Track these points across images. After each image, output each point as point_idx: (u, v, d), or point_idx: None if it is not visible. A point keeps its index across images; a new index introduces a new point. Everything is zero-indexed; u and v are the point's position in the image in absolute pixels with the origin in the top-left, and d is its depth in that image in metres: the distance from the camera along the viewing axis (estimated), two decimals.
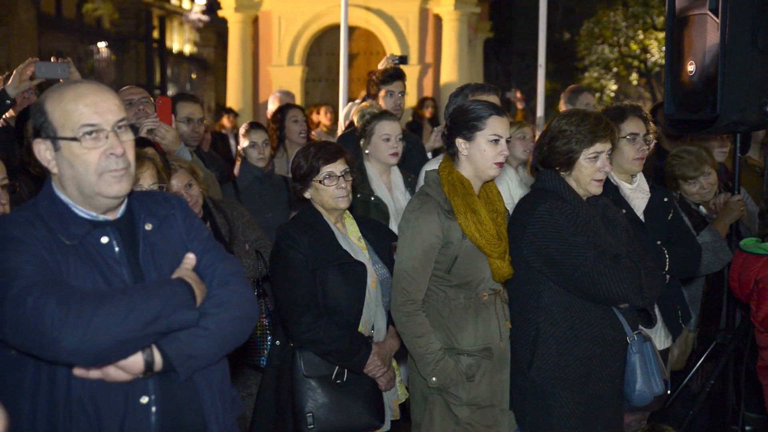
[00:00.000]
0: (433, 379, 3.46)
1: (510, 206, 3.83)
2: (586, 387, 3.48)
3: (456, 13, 14.10)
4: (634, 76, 24.77)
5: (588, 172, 3.52)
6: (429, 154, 5.92)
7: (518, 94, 11.70)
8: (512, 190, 4.47)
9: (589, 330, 3.48)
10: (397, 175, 4.85)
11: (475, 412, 3.52)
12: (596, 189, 3.57)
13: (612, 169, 3.72)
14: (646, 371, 3.55)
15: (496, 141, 3.48)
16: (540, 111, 8.19)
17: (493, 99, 4.17)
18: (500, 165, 3.53)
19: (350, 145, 4.89)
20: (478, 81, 7.19)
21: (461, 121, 3.51)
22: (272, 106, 7.73)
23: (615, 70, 24.08)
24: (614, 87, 24.84)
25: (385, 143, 4.70)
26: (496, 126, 3.48)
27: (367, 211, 4.56)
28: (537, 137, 7.39)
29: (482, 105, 3.55)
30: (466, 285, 3.51)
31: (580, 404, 3.48)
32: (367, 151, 4.75)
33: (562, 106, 6.48)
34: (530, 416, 3.54)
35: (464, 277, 3.50)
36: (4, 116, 5.08)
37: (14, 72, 4.65)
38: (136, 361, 2.18)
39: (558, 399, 3.47)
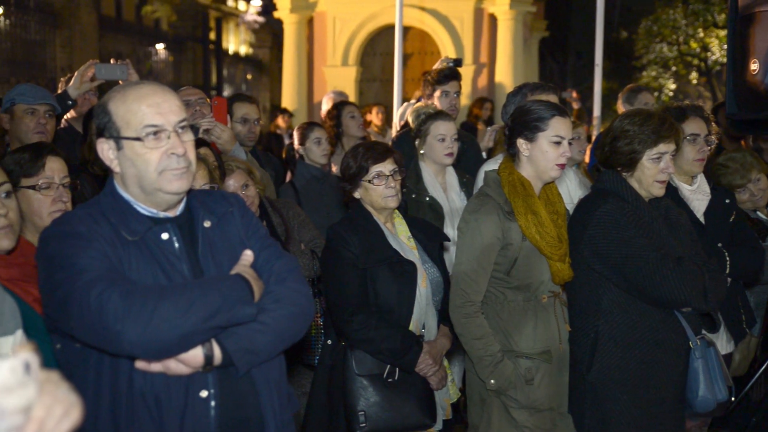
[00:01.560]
0: (492, 381, 3.43)
1: (569, 207, 3.78)
2: (646, 391, 3.42)
3: (511, 13, 13.99)
4: (693, 75, 24.30)
5: (651, 173, 3.46)
6: (483, 154, 5.88)
7: (574, 94, 11.56)
8: (571, 191, 4.42)
9: (650, 333, 3.41)
10: (452, 176, 4.83)
11: (533, 415, 3.49)
12: (659, 191, 3.50)
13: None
14: (710, 377, 3.48)
15: (558, 142, 3.44)
16: (597, 111, 8.09)
17: (552, 98, 4.13)
18: (562, 167, 3.49)
19: (405, 146, 4.89)
20: (533, 81, 7.12)
21: (523, 121, 3.48)
22: (326, 107, 7.76)
23: (674, 68, 23.64)
24: (673, 86, 24.40)
25: (440, 143, 4.69)
26: (558, 127, 3.44)
27: (422, 211, 4.54)
28: (593, 137, 7.31)
29: (545, 105, 3.51)
30: (525, 287, 3.48)
31: (640, 409, 3.42)
32: (422, 152, 4.73)
33: (620, 106, 6.39)
34: (589, 420, 3.49)
35: (524, 279, 3.47)
36: (65, 117, 5.19)
37: (75, 74, 4.75)
38: (196, 355, 2.21)
39: (617, 403, 3.42)
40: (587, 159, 6.21)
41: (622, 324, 3.44)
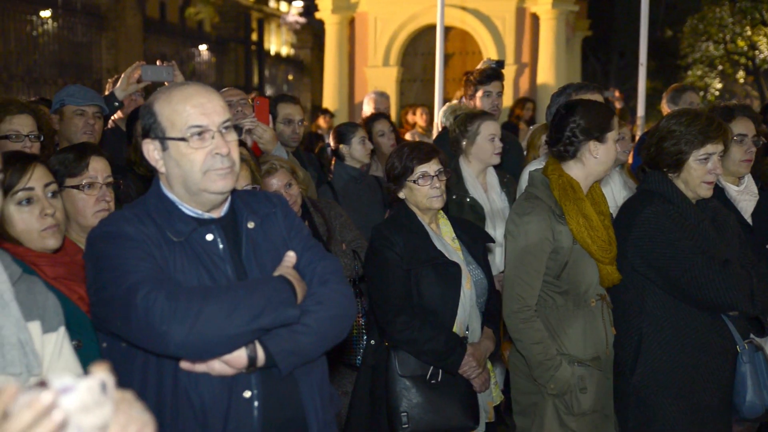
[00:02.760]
0: (552, 385, 3.40)
1: (613, 209, 3.74)
2: (692, 395, 3.37)
3: (554, 12, 13.87)
4: (740, 74, 23.84)
5: (698, 174, 3.40)
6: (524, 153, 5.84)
7: (617, 93, 11.45)
8: (615, 192, 4.36)
9: (696, 337, 3.36)
10: (492, 176, 4.80)
11: (581, 420, 3.45)
12: (706, 192, 3.45)
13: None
14: (758, 382, 3.41)
15: (618, 140, 3.44)
16: (641, 111, 7.98)
17: (597, 98, 4.08)
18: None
19: (447, 146, 4.87)
20: (575, 80, 7.06)
21: (595, 124, 3.44)
22: (367, 107, 7.77)
23: (720, 67, 23.22)
24: (719, 85, 23.97)
25: (490, 143, 4.66)
26: (617, 125, 3.46)
27: (463, 212, 4.52)
28: (637, 137, 7.21)
29: (605, 106, 3.54)
30: (574, 291, 3.44)
31: (685, 413, 3.37)
32: (471, 151, 4.69)
33: (665, 106, 6.29)
34: (632, 423, 3.45)
35: (573, 283, 3.43)
36: (112, 118, 5.27)
37: (122, 75, 4.82)
38: (239, 356, 2.22)
39: (662, 406, 3.37)
40: (631, 160, 6.13)
41: (667, 327, 3.39)
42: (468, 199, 4.60)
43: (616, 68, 27.11)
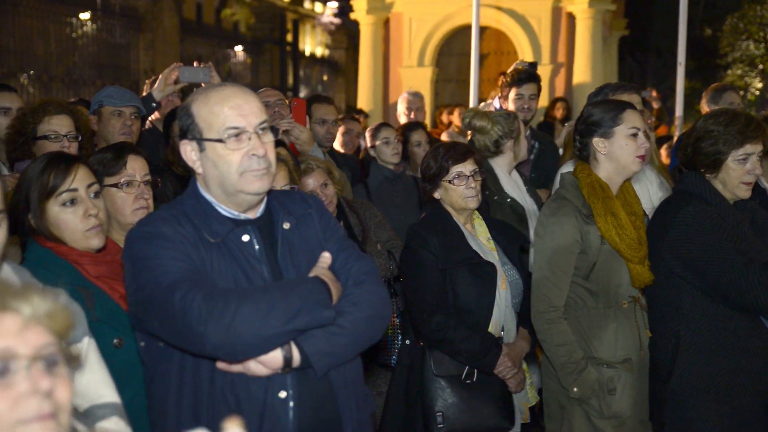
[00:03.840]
0: (575, 389, 3.38)
1: (649, 210, 3.70)
2: (731, 399, 3.32)
3: (590, 11, 13.75)
4: None
5: (736, 174, 3.35)
6: (560, 151, 5.79)
7: (654, 93, 11.31)
8: (651, 192, 4.31)
9: (735, 340, 3.31)
10: (516, 176, 4.78)
11: (615, 426, 3.41)
12: (744, 192, 3.39)
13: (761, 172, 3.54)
14: None
15: (635, 134, 3.38)
16: (679, 111, 7.88)
17: (634, 98, 4.05)
18: (642, 158, 3.43)
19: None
20: (612, 80, 7.00)
21: (594, 121, 3.43)
22: (401, 107, 7.77)
23: (761, 66, 22.81)
24: (759, 85, 23.54)
25: (524, 141, 4.65)
26: (633, 119, 3.40)
27: (504, 213, 4.47)
28: (675, 138, 7.12)
29: (612, 102, 3.49)
30: (604, 291, 3.41)
31: (724, 418, 3.31)
32: (512, 152, 4.67)
33: (704, 106, 6.20)
34: (669, 428, 3.41)
35: (603, 283, 3.40)
36: (149, 118, 5.33)
37: (160, 76, 4.87)
38: (275, 357, 2.24)
39: (700, 411, 3.32)
40: (668, 160, 6.06)
41: (705, 329, 3.34)
42: (508, 200, 4.58)
43: (654, 68, 26.80)
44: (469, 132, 4.85)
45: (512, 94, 5.44)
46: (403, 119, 7.34)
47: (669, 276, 3.41)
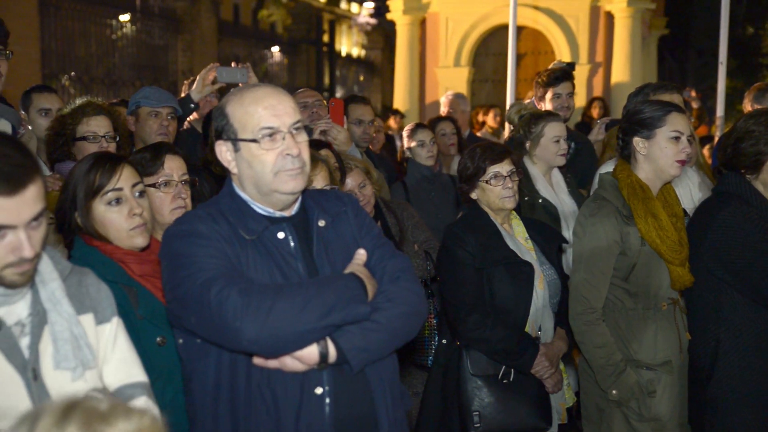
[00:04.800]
0: (614, 391, 3.34)
1: (690, 210, 3.65)
2: None
3: (629, 10, 13.59)
4: None
5: None
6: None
7: (693, 93, 11.16)
8: (693, 192, 4.25)
9: None
10: (558, 176, 4.74)
11: (654, 428, 3.37)
12: None
13: None
14: None
15: (677, 138, 3.33)
16: (720, 111, 7.76)
17: (676, 98, 4.00)
18: (682, 163, 3.38)
19: (517, 146, 4.82)
20: (651, 80, 6.91)
21: (638, 120, 3.39)
22: (444, 109, 7.76)
23: None
24: None
25: (555, 145, 4.60)
26: (676, 122, 3.34)
27: (536, 213, 4.47)
28: (716, 138, 7.01)
29: (659, 103, 3.43)
30: (644, 293, 3.37)
31: (764, 423, 3.26)
32: (534, 153, 4.65)
33: (747, 106, 6.10)
34: None
35: (642, 285, 3.36)
36: (187, 119, 5.37)
37: (197, 77, 4.91)
38: (311, 353, 2.24)
39: (740, 416, 3.27)
40: (709, 161, 5.96)
41: (746, 333, 3.29)
42: (540, 200, 4.55)
43: (694, 67, 26.43)
44: (507, 129, 4.83)
45: (549, 94, 5.43)
46: None
47: (709, 278, 3.36)
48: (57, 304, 2.05)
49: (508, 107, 7.02)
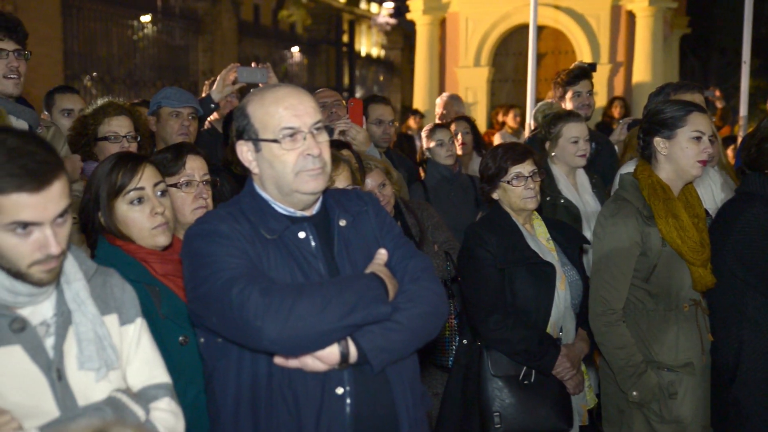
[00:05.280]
0: (634, 393, 3.32)
1: (713, 211, 3.62)
2: None
3: (650, 9, 13.50)
4: None
5: None
6: (616, 148, 5.70)
7: (717, 93, 11.05)
8: (715, 193, 4.22)
9: None
10: (583, 177, 4.71)
11: (676, 430, 3.34)
12: None
13: None
14: None
15: (699, 138, 3.30)
16: (743, 110, 7.70)
17: (697, 98, 3.97)
18: (703, 163, 3.35)
19: (539, 146, 4.80)
20: (672, 80, 6.86)
21: (659, 119, 3.36)
22: (438, 110, 7.71)
23: None
24: None
25: (573, 145, 4.58)
26: (697, 122, 3.31)
27: (557, 214, 4.45)
28: (739, 138, 6.95)
29: (681, 102, 3.40)
30: (665, 294, 3.35)
31: None
32: (553, 154, 4.63)
33: None
34: None
35: (663, 286, 3.34)
36: (208, 119, 5.39)
37: (218, 77, 4.92)
38: (332, 353, 2.24)
39: (764, 418, 3.24)
40: (733, 161, 5.91)
41: None
42: (562, 201, 4.53)
43: (716, 67, 26.19)
44: (527, 129, 4.81)
45: (569, 93, 5.41)
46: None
47: (731, 279, 3.33)
48: (81, 305, 2.06)
49: (528, 108, 7.00)
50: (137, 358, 2.19)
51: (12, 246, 1.88)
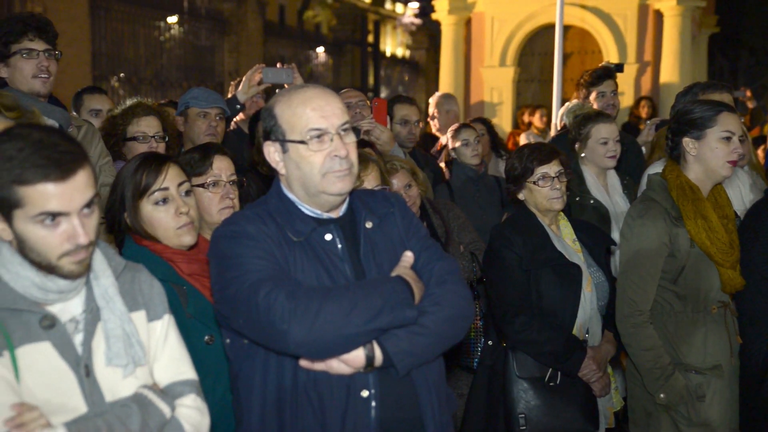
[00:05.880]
0: (662, 395, 3.29)
1: (741, 212, 3.58)
2: None
3: (679, 8, 13.36)
4: None
5: None
6: (643, 149, 5.65)
7: (748, 93, 10.93)
8: (744, 194, 4.17)
9: None
10: (614, 178, 4.68)
11: None
12: None
13: None
14: None
15: (728, 138, 3.27)
16: None
17: (726, 98, 3.92)
18: (733, 164, 3.31)
19: (565, 147, 4.77)
20: (701, 79, 6.79)
21: (688, 119, 3.33)
22: (431, 109, 7.65)
23: None
24: None
25: (602, 146, 4.54)
26: (727, 122, 3.27)
27: (586, 215, 4.42)
28: None
29: (710, 102, 3.36)
30: (693, 296, 3.31)
31: None
32: (582, 155, 4.60)
33: None
34: None
35: (691, 287, 3.30)
36: (234, 119, 5.42)
37: (244, 78, 4.94)
38: (357, 356, 2.24)
39: None
40: (763, 161, 5.84)
41: None
42: (591, 201, 4.50)
43: (746, 66, 25.89)
44: (553, 129, 4.78)
45: (593, 94, 5.37)
46: (434, 122, 7.21)
47: (761, 281, 3.30)
48: (110, 302, 2.08)
49: (554, 108, 6.96)
50: (164, 354, 2.21)
51: (41, 237, 1.91)
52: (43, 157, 1.87)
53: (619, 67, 5.77)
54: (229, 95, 5.20)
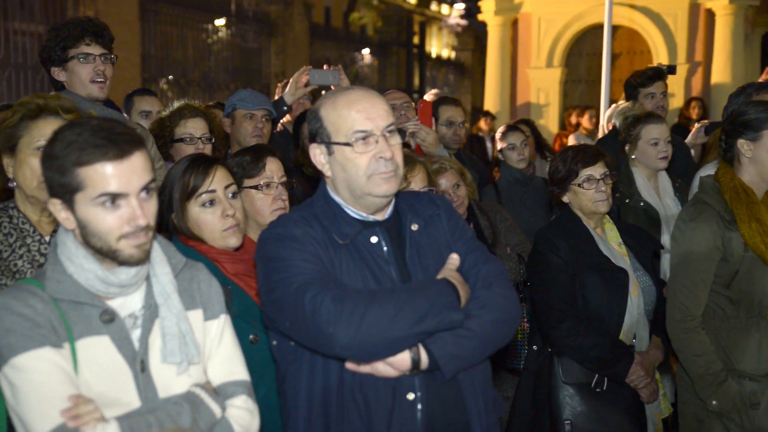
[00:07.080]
0: (714, 402, 3.22)
1: None
2: None
3: (731, 7, 13.11)
4: None
5: None
6: (692, 152, 5.55)
7: None
8: None
9: None
10: (665, 180, 4.59)
11: None
12: None
13: None
14: None
15: None
16: None
17: None
18: None
19: (610, 149, 4.71)
20: (753, 80, 6.63)
21: (744, 121, 3.25)
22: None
23: None
24: None
25: (653, 147, 4.46)
26: None
27: (636, 217, 4.35)
28: None
29: (765, 103, 3.32)
30: (747, 301, 3.24)
31: None
32: (633, 156, 4.53)
33: None
34: None
35: (745, 292, 3.23)
36: (281, 121, 5.45)
37: (291, 80, 4.97)
38: (403, 359, 2.23)
39: None
40: None
41: None
42: (641, 204, 4.43)
43: None
44: (601, 131, 4.72)
45: (641, 95, 5.30)
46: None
47: None
48: (168, 299, 2.12)
49: (602, 108, 6.87)
50: (219, 354, 2.23)
51: (101, 219, 1.96)
52: (101, 137, 1.93)
53: (672, 69, 5.68)
54: (276, 97, 5.22)
